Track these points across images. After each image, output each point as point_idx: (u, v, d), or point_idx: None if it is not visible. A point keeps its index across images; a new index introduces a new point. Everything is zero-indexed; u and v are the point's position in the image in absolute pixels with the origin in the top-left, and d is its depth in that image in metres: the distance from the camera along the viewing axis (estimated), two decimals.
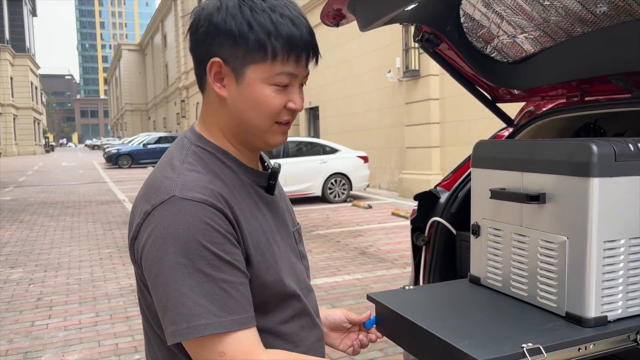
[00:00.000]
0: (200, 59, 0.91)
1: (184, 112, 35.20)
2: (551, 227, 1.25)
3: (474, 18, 2.00)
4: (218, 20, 0.87)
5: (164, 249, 0.81)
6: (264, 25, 0.86)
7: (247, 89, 0.89)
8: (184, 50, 34.72)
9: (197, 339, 0.80)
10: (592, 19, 1.78)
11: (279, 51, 0.87)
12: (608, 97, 2.02)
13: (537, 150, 1.33)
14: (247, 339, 0.83)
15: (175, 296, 0.80)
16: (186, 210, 0.82)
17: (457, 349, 1.05)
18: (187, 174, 0.87)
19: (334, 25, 1.87)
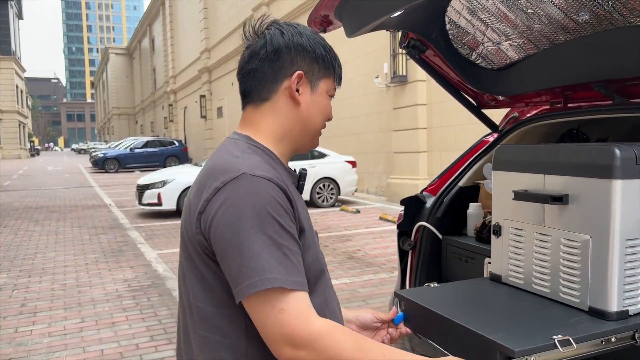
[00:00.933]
0: (275, 74, 1.09)
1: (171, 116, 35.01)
2: (574, 227, 1.30)
3: (459, 25, 2.03)
4: (303, 43, 1.10)
5: (237, 216, 0.92)
6: (330, 50, 1.15)
7: (318, 97, 1.13)
8: (172, 54, 34.60)
9: (262, 293, 0.89)
10: (574, 27, 1.81)
11: (337, 72, 1.16)
12: (590, 103, 2.05)
13: (559, 154, 1.39)
14: (304, 301, 0.93)
15: (248, 255, 0.91)
16: (256, 184, 0.95)
17: (492, 340, 1.09)
18: (250, 158, 1.02)
19: (321, 32, 1.89)
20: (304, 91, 1.10)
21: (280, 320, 0.89)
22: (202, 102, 26.54)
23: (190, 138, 30.81)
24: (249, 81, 1.12)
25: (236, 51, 21.51)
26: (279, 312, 0.89)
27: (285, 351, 0.90)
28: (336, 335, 0.92)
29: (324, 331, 0.91)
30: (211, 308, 0.99)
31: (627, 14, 1.64)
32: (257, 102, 1.12)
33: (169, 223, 9.54)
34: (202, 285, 1.00)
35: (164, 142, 27.48)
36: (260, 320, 0.92)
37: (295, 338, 0.89)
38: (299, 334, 0.89)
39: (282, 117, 1.10)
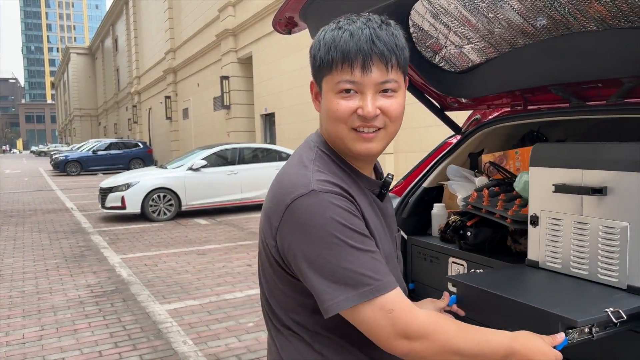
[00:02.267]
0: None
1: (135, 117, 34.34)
2: (612, 215, 1.45)
3: (422, 28, 2.06)
4: (311, 50, 1.07)
5: (317, 237, 0.94)
6: (327, 42, 1.02)
7: (324, 100, 1.05)
8: (136, 55, 33.94)
9: (367, 302, 0.93)
10: (532, 31, 1.86)
11: (335, 62, 1.00)
12: (549, 106, 2.11)
13: (598, 151, 1.54)
14: (403, 296, 0.98)
15: (339, 271, 0.93)
16: (326, 199, 0.96)
17: (553, 313, 1.19)
18: (317, 173, 1.01)
19: (286, 33, 1.88)
20: (318, 97, 1.10)
21: (393, 318, 0.95)
22: (167, 103, 26.13)
23: (155, 140, 30.29)
24: None
25: (202, 52, 21.28)
26: (389, 313, 0.95)
27: (402, 344, 0.96)
28: (440, 321, 0.99)
29: (431, 320, 0.98)
30: (283, 313, 1.07)
31: (582, 20, 1.69)
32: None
33: (133, 227, 9.35)
34: (274, 292, 1.08)
35: (128, 144, 26.92)
36: (371, 324, 0.96)
37: (409, 331, 0.95)
38: (412, 327, 0.95)
39: (321, 125, 1.12)
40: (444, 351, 0.97)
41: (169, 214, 9.93)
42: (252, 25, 16.69)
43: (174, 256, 6.84)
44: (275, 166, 10.82)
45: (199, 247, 7.41)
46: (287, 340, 1.08)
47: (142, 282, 5.60)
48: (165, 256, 6.86)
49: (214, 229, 8.95)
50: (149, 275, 5.90)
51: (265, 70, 16.42)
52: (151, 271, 6.07)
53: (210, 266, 6.21)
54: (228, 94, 18.67)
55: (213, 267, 6.14)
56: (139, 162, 24.80)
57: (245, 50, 17.69)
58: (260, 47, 16.61)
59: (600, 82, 1.81)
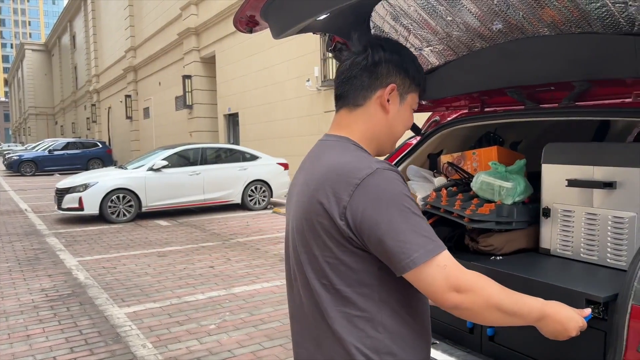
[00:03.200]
0: (371, 85, 1.25)
1: (94, 116, 33.43)
2: (621, 206, 1.61)
3: (383, 30, 2.08)
4: (399, 60, 1.26)
5: (385, 206, 1.09)
6: (420, 70, 1.31)
7: (404, 109, 1.29)
8: (95, 52, 33.04)
9: (427, 261, 1.07)
10: (489, 35, 1.91)
11: (423, 88, 1.34)
12: (505, 108, 2.17)
13: (607, 150, 1.74)
14: (451, 256, 1.11)
15: (409, 234, 1.08)
16: (391, 176, 1.12)
17: (577, 291, 1.37)
18: (369, 156, 1.20)
19: (247, 32, 1.87)
20: (393, 102, 1.26)
21: (446, 273, 1.08)
22: (127, 102, 25.56)
23: (115, 139, 29.57)
24: (347, 87, 1.28)
25: (164, 50, 20.90)
26: (443, 268, 1.08)
27: (453, 297, 1.08)
28: (485, 278, 1.13)
29: (476, 275, 1.12)
30: (347, 288, 1.15)
31: (536, 24, 1.75)
32: (352, 106, 1.27)
33: (91, 228, 9.09)
34: (336, 270, 1.15)
35: (87, 143, 26.18)
36: (430, 280, 1.08)
37: (460, 284, 1.08)
38: (462, 280, 1.09)
39: (372, 122, 1.26)
40: (488, 305, 1.10)
41: (129, 215, 9.70)
42: (215, 24, 16.51)
43: (133, 258, 6.69)
44: (238, 166, 10.74)
45: (160, 248, 7.27)
46: (349, 322, 1.15)
47: (100, 285, 5.45)
48: (124, 258, 6.71)
49: (175, 230, 8.80)
50: (108, 278, 5.75)
51: (229, 70, 16.27)
52: (110, 274, 5.92)
53: (171, 268, 6.11)
54: (190, 93, 18.41)
55: (174, 269, 6.04)
56: (97, 163, 24.16)
57: (208, 49, 17.48)
58: (223, 46, 16.45)
59: (553, 85, 1.88)
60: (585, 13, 1.58)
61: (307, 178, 1.22)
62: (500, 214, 1.81)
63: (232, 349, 3.67)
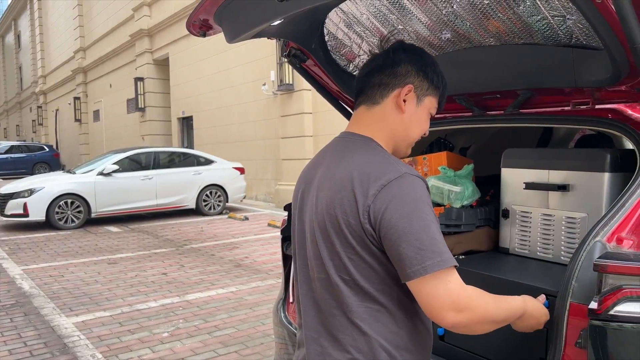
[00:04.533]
0: (390, 84, 1.26)
1: (41, 119, 32.11)
2: (574, 207, 1.72)
3: (337, 37, 2.12)
4: (419, 61, 1.28)
5: (409, 209, 1.10)
6: (442, 77, 1.32)
7: (421, 111, 1.29)
8: (42, 53, 31.79)
9: (436, 272, 1.07)
10: (439, 44, 1.98)
11: (442, 97, 1.33)
12: (454, 114, 2.24)
13: (561, 155, 1.87)
14: (457, 274, 1.12)
15: (426, 241, 1.08)
16: (417, 183, 1.14)
17: (535, 286, 1.46)
18: (397, 160, 1.20)
19: (200, 35, 1.86)
20: (410, 102, 1.26)
21: (449, 290, 1.08)
22: (76, 104, 24.70)
23: (63, 143, 28.51)
24: (367, 84, 1.29)
25: (115, 52, 20.35)
26: (447, 283, 1.08)
27: (451, 316, 1.08)
28: (481, 294, 1.14)
29: (476, 293, 1.13)
30: (369, 285, 1.16)
31: (482, 34, 1.82)
32: (370, 104, 1.28)
33: (37, 235, 8.72)
34: (358, 267, 1.17)
35: (32, 147, 25.12)
36: (431, 293, 1.09)
37: (460, 303, 1.08)
38: (463, 299, 1.09)
39: (389, 120, 1.27)
40: (483, 321, 1.13)
41: (77, 222, 9.37)
42: (168, 26, 16.22)
43: (82, 266, 6.47)
44: (193, 171, 10.56)
45: (110, 255, 7.06)
46: (371, 316, 1.18)
47: (46, 294, 5.24)
48: (72, 266, 6.47)
49: (127, 236, 8.56)
50: (55, 286, 5.53)
51: (183, 73, 16.01)
52: (57, 282, 5.70)
53: (122, 275, 5.94)
54: (143, 96, 17.99)
55: (125, 277, 5.88)
56: (44, 167, 23.23)
57: (161, 51, 17.15)
58: (177, 48, 16.18)
59: (498, 93, 1.96)
60: (527, 25, 1.66)
61: (331, 174, 1.22)
62: (450, 217, 1.88)
63: (186, 357, 3.60)
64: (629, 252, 1.29)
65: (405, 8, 1.83)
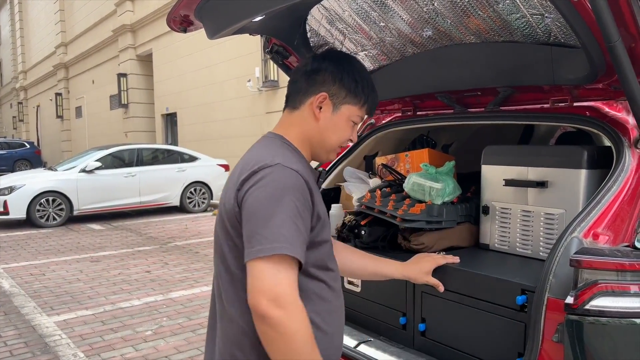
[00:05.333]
0: (307, 90, 1.30)
1: (22, 115, 31.59)
2: (552, 204, 1.73)
3: (319, 34, 2.11)
4: (337, 70, 1.30)
5: (267, 194, 1.12)
6: (366, 84, 1.33)
7: (337, 119, 1.31)
8: (22, 48, 31.25)
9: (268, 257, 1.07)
10: (420, 41, 1.98)
11: (367, 105, 1.34)
12: (436, 112, 2.26)
13: (540, 152, 1.89)
14: (295, 275, 1.11)
15: (270, 225, 1.09)
16: (287, 174, 1.15)
17: (515, 282, 1.50)
18: (285, 153, 1.22)
19: (181, 31, 1.85)
20: (326, 110, 1.29)
21: (276, 279, 1.07)
22: (58, 100, 24.33)
23: (45, 140, 28.08)
24: (292, 89, 1.34)
25: (97, 47, 20.07)
26: (276, 273, 1.07)
27: (264, 304, 1.06)
28: (304, 314, 1.10)
29: (301, 307, 1.10)
30: (240, 271, 1.17)
31: (463, 32, 1.83)
32: (292, 108, 1.33)
33: (17, 234, 8.59)
34: (233, 253, 1.19)
35: (13, 144, 24.67)
36: (257, 275, 1.08)
37: (279, 297, 1.06)
38: (285, 297, 1.07)
39: (305, 126, 1.31)
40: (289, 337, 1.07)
41: (59, 219, 9.25)
42: (152, 21, 16.05)
43: (64, 264, 6.39)
44: (177, 168, 10.48)
45: (93, 253, 6.98)
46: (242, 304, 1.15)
47: (27, 293, 5.17)
48: (54, 264, 6.39)
49: (109, 234, 8.47)
50: (35, 285, 5.46)
51: (167, 69, 15.87)
52: (38, 281, 5.62)
53: (105, 274, 5.88)
54: (126, 92, 17.78)
55: (108, 275, 5.82)
56: (25, 164, 22.84)
57: (144, 47, 16.97)
58: (161, 44, 16.02)
59: (479, 90, 1.98)
60: (506, 23, 1.68)
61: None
62: (431, 214, 1.89)
63: (170, 355, 3.58)
64: (605, 248, 1.31)
65: (387, 5, 1.83)
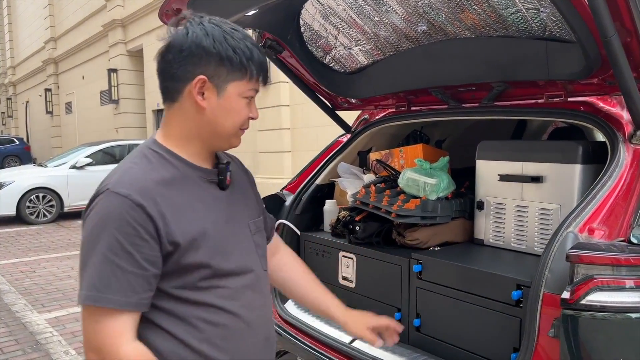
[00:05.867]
0: (179, 76, 1.07)
1: (10, 111, 31.29)
2: (547, 199, 1.73)
3: (313, 28, 2.10)
4: (207, 45, 1.05)
5: (87, 232, 1.02)
6: (244, 51, 1.07)
7: (226, 101, 1.09)
8: (10, 43, 30.91)
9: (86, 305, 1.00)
10: (414, 36, 1.97)
11: (254, 72, 1.09)
12: (430, 107, 2.25)
13: (535, 147, 1.86)
14: (121, 322, 1.00)
15: (86, 269, 1.00)
16: (110, 202, 1.01)
17: (510, 277, 1.50)
18: (131, 168, 1.06)
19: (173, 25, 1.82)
20: (210, 96, 1.07)
21: (95, 328, 1.00)
22: (47, 96, 24.10)
23: (34, 136, 27.84)
24: (162, 79, 1.11)
25: (87, 42, 19.88)
26: (96, 321, 1.00)
27: (89, 355, 1.02)
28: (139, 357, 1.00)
29: (131, 352, 1.00)
30: None
31: (458, 27, 1.83)
32: (169, 102, 1.11)
33: (7, 230, 8.51)
34: None
35: (2, 139, 24.44)
36: (82, 323, 1.03)
37: (100, 348, 1.00)
38: (105, 346, 0.99)
39: (188, 120, 1.10)
40: None
41: (50, 216, 9.16)
42: (143, 16, 15.92)
43: (55, 261, 6.33)
44: None
45: None
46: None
47: (17, 290, 5.12)
48: (44, 261, 6.33)
49: None
50: (26, 282, 5.40)
51: None
52: (28, 278, 5.57)
53: None
54: (116, 87, 17.64)
55: None
56: (14, 160, 22.65)
57: (135, 42, 16.83)
58: (152, 39, 15.89)
59: (474, 85, 1.97)
60: (501, 17, 1.67)
61: None
62: (425, 209, 1.88)
63: None
64: (600, 243, 1.31)
65: None
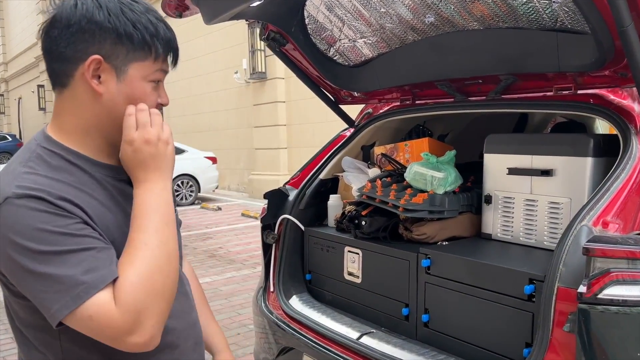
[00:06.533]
0: (68, 56, 0.90)
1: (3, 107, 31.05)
2: (557, 192, 1.71)
3: (317, 20, 2.07)
4: (100, 19, 0.89)
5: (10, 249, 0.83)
6: (147, 26, 0.92)
7: (128, 85, 0.93)
8: (3, 38, 30.65)
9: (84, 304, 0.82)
10: (421, 27, 1.94)
11: (161, 51, 0.95)
12: (435, 101, 2.22)
13: (545, 140, 1.85)
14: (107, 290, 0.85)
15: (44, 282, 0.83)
16: (18, 213, 0.83)
17: (522, 271, 1.48)
18: (24, 176, 0.87)
19: (176, 16, 1.79)
20: (108, 79, 0.91)
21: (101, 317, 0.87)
22: (40, 92, 23.94)
23: (27, 133, 27.63)
24: (48, 60, 0.93)
25: None
26: (89, 319, 0.84)
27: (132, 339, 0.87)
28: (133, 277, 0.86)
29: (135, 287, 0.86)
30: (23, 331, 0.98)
31: (466, 18, 1.80)
32: (59, 87, 0.93)
33: None
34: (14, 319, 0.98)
35: None
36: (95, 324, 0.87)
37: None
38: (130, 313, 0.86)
39: (83, 108, 0.93)
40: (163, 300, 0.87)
41: None
42: None
43: None
44: None
45: None
46: None
47: None
48: None
49: None
50: None
51: None
52: None
53: None
54: None
55: None
56: (6, 157, 22.47)
57: None
58: None
59: (481, 78, 1.95)
60: (512, 8, 1.64)
61: None
62: (433, 203, 1.86)
63: None
64: (616, 236, 1.29)
65: None
